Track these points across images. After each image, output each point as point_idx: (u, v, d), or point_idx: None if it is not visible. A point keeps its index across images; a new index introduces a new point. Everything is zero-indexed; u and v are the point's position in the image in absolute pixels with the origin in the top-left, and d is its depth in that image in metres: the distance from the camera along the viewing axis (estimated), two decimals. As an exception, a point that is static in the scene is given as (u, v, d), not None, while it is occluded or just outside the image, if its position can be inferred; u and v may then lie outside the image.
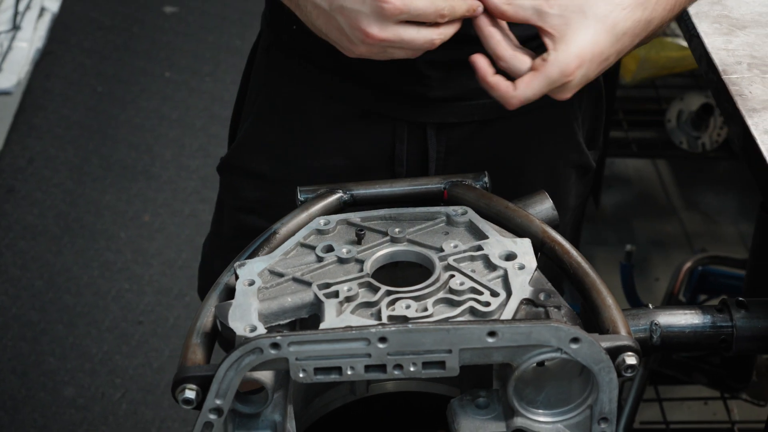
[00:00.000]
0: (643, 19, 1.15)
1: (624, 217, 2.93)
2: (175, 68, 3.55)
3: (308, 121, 1.40)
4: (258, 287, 1.08)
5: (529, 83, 1.12)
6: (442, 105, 1.36)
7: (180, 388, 1.01)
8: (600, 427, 1.05)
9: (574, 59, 1.12)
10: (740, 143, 1.23)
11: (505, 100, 1.14)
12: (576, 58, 1.12)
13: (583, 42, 1.12)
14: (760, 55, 1.33)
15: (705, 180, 3.04)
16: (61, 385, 2.44)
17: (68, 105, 3.36)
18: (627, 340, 1.03)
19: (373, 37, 1.10)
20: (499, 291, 1.07)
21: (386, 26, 1.10)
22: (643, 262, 2.72)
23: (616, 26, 1.13)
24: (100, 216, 2.93)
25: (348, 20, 1.11)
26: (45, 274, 2.74)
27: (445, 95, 1.35)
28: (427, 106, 1.36)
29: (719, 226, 2.89)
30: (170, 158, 3.16)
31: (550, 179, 1.46)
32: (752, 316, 1.15)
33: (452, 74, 1.35)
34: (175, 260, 2.79)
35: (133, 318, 2.63)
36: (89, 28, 3.72)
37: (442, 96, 1.35)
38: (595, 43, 1.12)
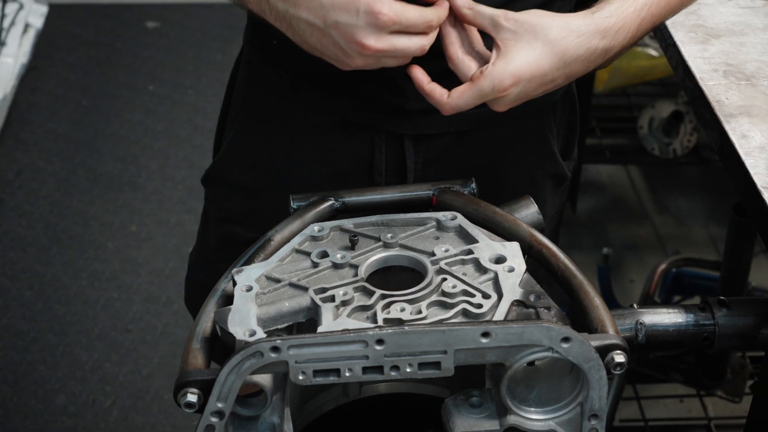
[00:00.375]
0: (600, 47, 1.17)
1: (599, 221, 2.99)
2: (158, 82, 3.57)
3: (289, 132, 1.42)
4: (256, 293, 1.11)
5: (461, 94, 1.17)
6: (419, 116, 1.38)
7: (182, 392, 1.03)
8: (590, 424, 1.08)
9: (508, 77, 1.14)
10: (718, 148, 1.27)
11: (439, 107, 1.20)
12: (511, 76, 1.14)
13: (524, 61, 1.14)
14: (735, 63, 1.37)
15: (676, 184, 3.10)
16: (53, 393, 2.46)
17: (54, 118, 3.38)
18: (616, 338, 1.06)
19: (370, 48, 1.13)
20: (491, 293, 1.10)
21: (381, 37, 1.13)
22: (617, 265, 2.77)
23: (566, 52, 1.15)
24: (87, 227, 2.95)
25: (344, 35, 1.14)
26: (35, 285, 2.76)
27: (422, 107, 1.32)
28: (405, 118, 1.38)
29: (690, 228, 2.95)
30: (156, 169, 3.19)
31: (527, 189, 1.44)
32: (733, 314, 1.19)
33: None
34: (162, 269, 2.82)
35: (122, 326, 2.65)
36: (73, 43, 3.74)
37: (419, 108, 1.35)
38: (537, 65, 1.15)
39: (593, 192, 3.07)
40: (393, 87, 1.35)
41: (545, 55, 1.14)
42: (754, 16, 1.48)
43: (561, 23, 1.15)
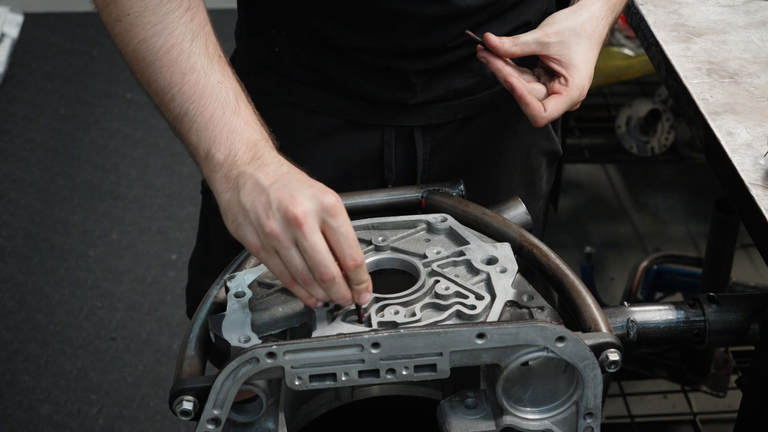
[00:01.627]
0: (610, 22, 1.32)
1: (579, 220, 3.00)
2: (136, 89, 3.55)
3: (295, 137, 1.43)
4: (249, 299, 1.11)
5: (556, 105, 1.27)
6: (426, 107, 1.41)
7: (177, 400, 1.03)
8: (586, 422, 1.09)
9: (586, 78, 1.28)
10: (703, 146, 1.28)
11: (534, 119, 1.27)
12: (587, 78, 1.29)
13: (585, 60, 1.28)
14: (717, 61, 1.38)
15: (653, 182, 3.13)
16: (38, 403, 2.44)
17: (32, 128, 3.36)
18: (609, 337, 1.07)
19: (298, 221, 1.00)
20: (484, 294, 1.10)
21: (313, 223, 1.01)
22: (598, 263, 2.78)
23: (601, 36, 1.31)
24: (68, 236, 2.94)
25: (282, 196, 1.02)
26: (16, 295, 2.74)
27: (428, 98, 1.40)
28: (412, 110, 1.41)
29: (669, 226, 2.97)
30: (136, 177, 3.17)
31: (526, 167, 1.52)
32: (723, 310, 1.20)
33: (435, 79, 1.40)
34: (144, 276, 2.81)
35: (105, 335, 2.63)
36: (49, 52, 3.72)
37: (425, 99, 1.40)
38: (593, 57, 1.29)
39: (573, 191, 3.09)
40: (401, 83, 1.38)
41: (592, 45, 1.29)
42: (734, 15, 1.49)
43: (588, 15, 1.29)
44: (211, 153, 1.08)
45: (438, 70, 1.38)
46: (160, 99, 1.12)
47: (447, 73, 1.39)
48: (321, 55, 1.37)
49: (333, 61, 1.37)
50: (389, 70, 1.37)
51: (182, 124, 1.10)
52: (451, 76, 1.39)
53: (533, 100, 1.26)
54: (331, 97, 1.40)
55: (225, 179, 1.07)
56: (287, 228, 1.01)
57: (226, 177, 1.07)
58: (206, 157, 1.08)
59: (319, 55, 1.37)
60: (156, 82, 1.12)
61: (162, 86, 1.11)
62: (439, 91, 1.39)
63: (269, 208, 1.01)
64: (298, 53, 1.38)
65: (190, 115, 1.10)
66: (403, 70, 1.36)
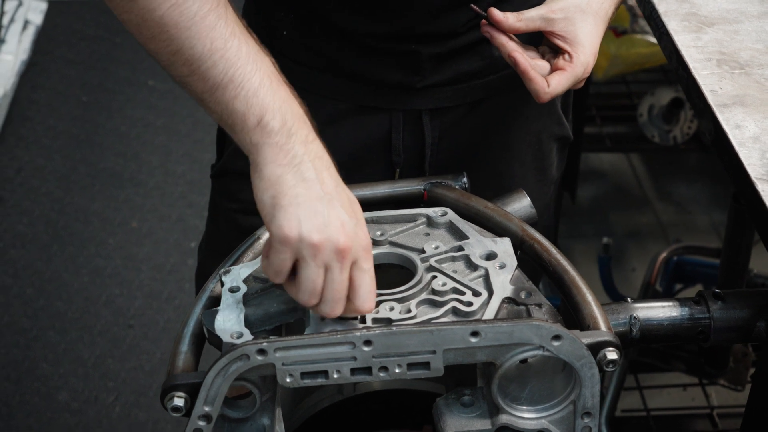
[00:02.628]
0: (616, 1, 1.32)
1: (600, 210, 2.97)
2: (158, 77, 3.56)
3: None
4: (243, 294, 1.10)
5: (560, 82, 1.26)
6: (435, 91, 1.39)
7: (168, 396, 1.03)
8: (583, 422, 1.07)
9: (591, 56, 1.27)
10: (711, 137, 1.25)
11: (538, 95, 1.26)
12: (592, 55, 1.27)
13: (590, 36, 1.27)
14: (728, 51, 1.35)
15: (677, 172, 3.08)
16: (55, 390, 2.46)
17: (54, 115, 3.37)
18: (607, 335, 1.05)
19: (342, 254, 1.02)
20: (481, 290, 1.09)
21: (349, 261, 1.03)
22: (619, 253, 2.75)
23: (606, 13, 1.30)
24: (88, 223, 2.95)
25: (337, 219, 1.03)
26: (36, 282, 2.75)
27: (437, 81, 1.39)
28: (420, 94, 1.39)
29: (692, 216, 2.93)
30: (157, 164, 3.18)
31: (536, 152, 1.50)
32: (728, 307, 1.17)
33: (444, 62, 1.38)
34: (164, 264, 2.81)
35: (124, 322, 2.64)
36: (73, 39, 3.73)
37: (434, 83, 1.39)
38: (598, 34, 1.28)
39: (594, 180, 3.05)
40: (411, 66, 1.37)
41: (597, 23, 1.28)
42: (748, 4, 1.46)
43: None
44: (265, 120, 1.05)
45: (447, 53, 1.37)
46: (195, 67, 1.08)
47: (456, 57, 1.37)
48: (329, 40, 1.36)
49: (341, 45, 1.36)
50: (398, 54, 1.36)
51: (226, 90, 1.06)
52: (461, 60, 1.38)
53: (536, 75, 1.25)
54: (339, 82, 1.39)
55: (279, 150, 1.05)
56: (331, 250, 1.02)
57: (281, 148, 1.05)
58: (258, 124, 1.05)
59: (327, 39, 1.36)
60: (192, 48, 1.07)
61: (200, 53, 1.07)
62: (447, 74, 1.38)
63: (325, 222, 1.02)
64: (306, 37, 1.37)
65: (237, 82, 1.06)
66: (412, 54, 1.35)
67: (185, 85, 1.10)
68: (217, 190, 1.57)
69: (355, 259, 1.03)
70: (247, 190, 1.50)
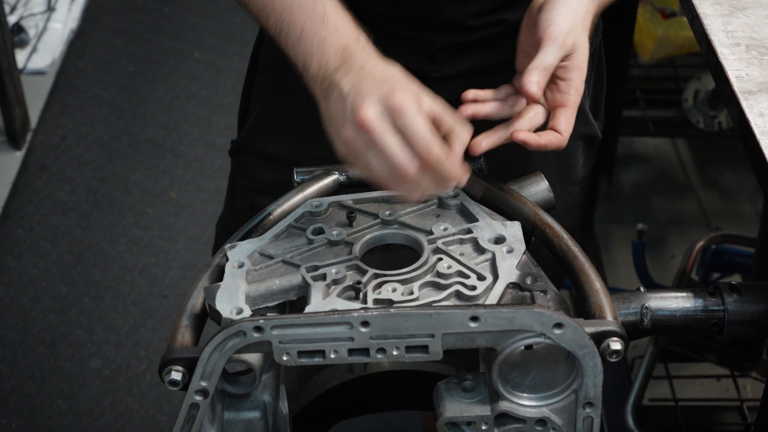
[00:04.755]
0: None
1: (642, 195, 2.92)
2: (204, 48, 3.56)
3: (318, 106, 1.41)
4: (247, 269, 1.09)
5: (568, 120, 1.19)
6: (451, 82, 1.37)
7: (166, 370, 1.02)
8: (585, 412, 1.05)
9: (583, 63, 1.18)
10: (737, 125, 1.22)
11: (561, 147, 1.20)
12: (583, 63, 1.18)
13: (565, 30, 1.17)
14: (759, 37, 1.31)
15: (723, 158, 3.02)
16: (88, 356, 2.48)
17: (100, 84, 3.39)
18: (612, 325, 1.03)
19: (365, 127, 1.03)
20: (486, 275, 1.07)
21: (382, 126, 1.03)
22: (659, 240, 2.71)
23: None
24: (128, 192, 2.97)
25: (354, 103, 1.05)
26: (74, 249, 2.78)
27: (453, 73, 1.37)
28: (436, 84, 1.37)
29: (737, 204, 2.87)
30: (198, 136, 3.19)
31: (559, 151, 1.46)
32: (744, 300, 1.14)
33: (460, 54, 1.36)
34: (200, 236, 2.82)
35: (158, 292, 2.66)
36: (121, 8, 3.75)
37: (450, 74, 1.37)
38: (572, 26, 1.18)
39: (637, 165, 3.00)
40: (426, 55, 1.35)
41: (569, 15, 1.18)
42: (784, -12, 1.42)
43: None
44: (306, 65, 1.12)
45: (463, 45, 1.35)
46: (261, 19, 1.17)
47: (473, 50, 1.36)
48: None
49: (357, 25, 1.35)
50: (414, 41, 1.34)
51: (279, 40, 1.15)
52: (477, 53, 1.36)
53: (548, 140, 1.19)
54: None
55: (319, 89, 1.11)
56: (359, 134, 1.03)
57: (320, 87, 1.11)
58: (303, 70, 1.13)
59: None
60: (252, 2, 1.17)
61: (257, 6, 1.17)
62: (463, 66, 1.36)
63: (345, 117, 1.05)
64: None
65: (284, 32, 1.14)
66: (427, 42, 1.34)
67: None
68: (234, 167, 1.57)
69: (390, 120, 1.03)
70: (262, 170, 1.51)
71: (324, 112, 1.10)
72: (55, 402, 2.38)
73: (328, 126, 1.09)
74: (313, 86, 1.12)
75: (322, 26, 1.12)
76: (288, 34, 1.14)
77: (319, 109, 1.11)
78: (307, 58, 1.12)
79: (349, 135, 1.04)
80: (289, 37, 1.14)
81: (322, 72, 1.11)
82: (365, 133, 1.03)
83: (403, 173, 1.03)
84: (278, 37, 1.15)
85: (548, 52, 1.16)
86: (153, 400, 2.40)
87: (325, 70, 1.10)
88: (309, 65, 1.12)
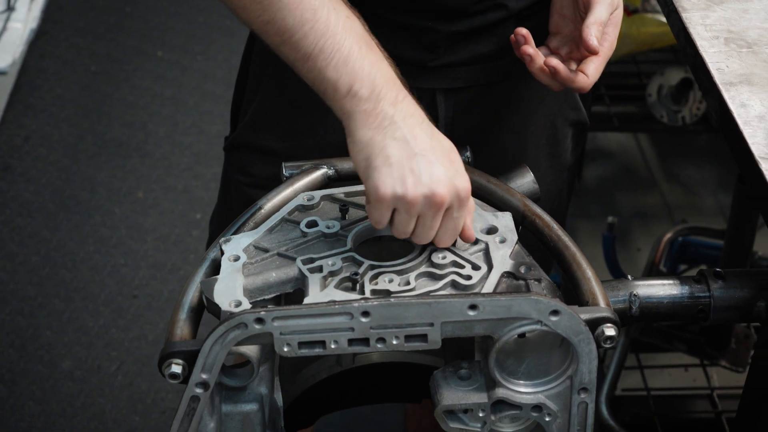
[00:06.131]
0: None
1: (607, 189, 2.96)
2: (167, 47, 3.55)
3: (315, 97, 1.41)
4: (243, 262, 1.10)
5: (597, 68, 1.27)
6: (449, 70, 1.39)
7: (166, 363, 1.03)
8: (580, 397, 1.07)
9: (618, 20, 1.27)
10: (717, 116, 1.25)
11: (583, 89, 1.26)
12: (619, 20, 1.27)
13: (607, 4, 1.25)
14: (736, 30, 1.34)
15: (685, 153, 3.07)
16: (59, 358, 2.47)
17: (63, 84, 3.36)
18: (606, 312, 1.05)
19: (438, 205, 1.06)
20: (481, 264, 1.09)
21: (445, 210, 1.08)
22: (625, 233, 2.75)
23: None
24: (95, 193, 2.95)
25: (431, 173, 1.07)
26: (42, 250, 2.76)
27: (452, 61, 1.39)
28: (435, 73, 1.39)
29: (699, 197, 2.92)
30: (164, 135, 3.17)
31: (550, 137, 1.49)
32: (729, 287, 1.17)
33: (459, 42, 1.38)
34: (168, 235, 2.81)
35: (128, 292, 2.65)
36: (82, 8, 3.72)
37: (449, 62, 1.38)
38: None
39: (602, 160, 3.04)
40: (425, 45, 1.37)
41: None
42: (758, -18, 1.45)
43: None
44: (354, 89, 1.09)
45: (462, 33, 1.36)
46: (287, 38, 1.11)
47: (472, 37, 1.37)
48: None
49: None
50: (412, 29, 1.35)
51: (317, 60, 1.10)
52: (476, 41, 1.37)
53: (575, 78, 1.26)
54: None
55: (368, 115, 1.08)
56: (425, 203, 1.06)
57: (369, 114, 1.08)
58: (348, 93, 1.09)
59: None
60: (283, 20, 1.10)
61: (291, 24, 1.10)
62: (462, 54, 1.38)
63: (418, 179, 1.05)
64: None
65: (327, 52, 1.09)
66: (426, 30, 1.35)
67: (278, 52, 1.13)
68: (229, 162, 1.57)
69: (450, 207, 1.07)
70: (258, 165, 1.51)
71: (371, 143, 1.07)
72: (26, 404, 2.36)
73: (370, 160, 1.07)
74: (354, 109, 1.09)
75: (369, 51, 1.11)
76: (331, 54, 1.09)
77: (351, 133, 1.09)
78: (355, 82, 1.09)
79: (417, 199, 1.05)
80: (333, 58, 1.09)
81: (374, 98, 1.08)
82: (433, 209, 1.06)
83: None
84: (314, 58, 1.10)
85: (601, 9, 1.24)
86: (126, 401, 2.39)
87: (377, 97, 1.09)
88: (357, 90, 1.08)
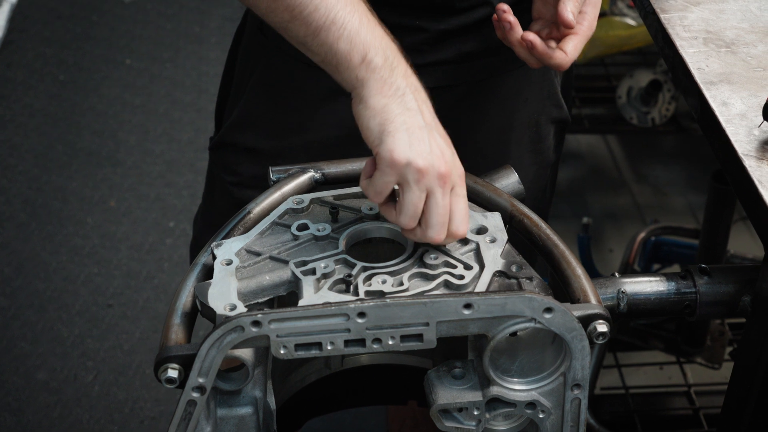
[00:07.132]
0: None
1: (578, 191, 2.99)
2: (135, 55, 3.54)
3: (302, 96, 1.42)
4: (236, 266, 1.10)
5: (576, 46, 1.27)
6: (435, 69, 1.40)
7: (162, 368, 1.03)
8: (573, 393, 1.08)
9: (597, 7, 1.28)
10: (698, 116, 1.27)
11: (561, 66, 1.27)
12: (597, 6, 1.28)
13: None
14: (714, 30, 1.36)
15: (654, 154, 3.11)
16: (34, 369, 2.45)
17: (31, 93, 3.34)
18: (598, 308, 1.06)
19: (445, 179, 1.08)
20: (472, 264, 1.09)
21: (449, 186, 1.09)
22: (597, 234, 2.78)
23: None
24: (66, 202, 2.93)
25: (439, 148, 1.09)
26: (14, 261, 2.74)
27: (437, 59, 1.40)
28: (420, 71, 1.39)
29: (668, 197, 2.96)
30: (134, 144, 3.16)
31: (534, 135, 1.51)
32: (714, 282, 1.19)
33: (445, 40, 1.39)
34: (142, 244, 2.80)
35: (102, 301, 2.63)
36: (49, 17, 3.70)
37: (434, 60, 1.40)
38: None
39: (572, 162, 3.07)
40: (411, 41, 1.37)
41: None
42: (733, -17, 1.47)
43: None
44: (368, 57, 1.11)
45: (448, 31, 1.37)
46: (297, 12, 1.12)
47: (457, 36, 1.38)
48: None
49: None
50: (398, 27, 1.35)
51: (329, 33, 1.12)
52: (461, 40, 1.38)
53: (554, 51, 1.27)
54: None
55: (383, 83, 1.11)
56: (433, 174, 1.07)
57: (385, 81, 1.11)
58: (363, 61, 1.11)
59: None
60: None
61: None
62: (448, 53, 1.39)
63: (429, 149, 1.08)
64: None
65: (338, 23, 1.12)
66: (412, 29, 1.36)
67: (286, 30, 1.15)
68: (214, 162, 1.57)
69: (453, 185, 1.09)
70: (243, 164, 1.51)
71: (385, 109, 1.09)
72: (1, 416, 2.34)
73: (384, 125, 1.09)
74: (368, 77, 1.11)
75: (377, 24, 1.14)
76: (343, 24, 1.11)
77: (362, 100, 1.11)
78: (369, 50, 1.11)
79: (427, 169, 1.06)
80: (345, 28, 1.11)
81: (387, 66, 1.11)
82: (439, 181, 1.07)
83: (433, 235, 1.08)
84: (326, 30, 1.12)
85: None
86: (103, 410, 2.37)
87: (391, 66, 1.11)
88: (372, 57, 1.11)
